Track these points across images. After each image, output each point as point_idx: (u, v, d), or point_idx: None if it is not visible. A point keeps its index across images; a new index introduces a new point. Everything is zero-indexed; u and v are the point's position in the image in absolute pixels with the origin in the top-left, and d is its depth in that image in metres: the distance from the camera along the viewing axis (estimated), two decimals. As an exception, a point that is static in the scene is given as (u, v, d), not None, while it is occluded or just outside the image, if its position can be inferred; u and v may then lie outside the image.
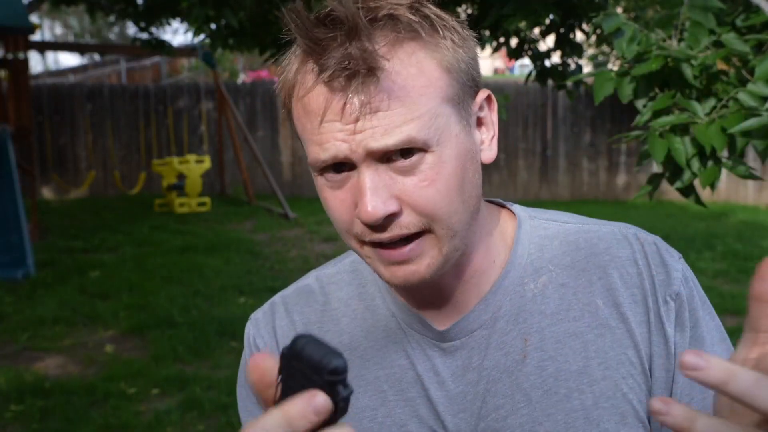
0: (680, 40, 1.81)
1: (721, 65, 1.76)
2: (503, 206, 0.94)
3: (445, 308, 0.87)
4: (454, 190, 0.77)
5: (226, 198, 11.91)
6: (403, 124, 0.74)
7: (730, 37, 1.71)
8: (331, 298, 0.93)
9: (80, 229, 9.12)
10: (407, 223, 0.76)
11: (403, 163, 0.75)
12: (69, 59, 45.72)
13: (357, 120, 0.74)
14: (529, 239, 0.89)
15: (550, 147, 12.61)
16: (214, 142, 12.46)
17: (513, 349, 0.85)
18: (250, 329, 0.96)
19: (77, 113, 12.14)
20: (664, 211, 10.83)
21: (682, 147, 1.69)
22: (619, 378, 0.83)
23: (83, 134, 12.13)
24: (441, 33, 0.78)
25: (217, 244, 8.33)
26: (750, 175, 1.72)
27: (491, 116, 0.85)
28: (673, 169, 1.78)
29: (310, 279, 0.97)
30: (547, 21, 4.18)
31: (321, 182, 0.80)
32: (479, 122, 0.84)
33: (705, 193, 1.81)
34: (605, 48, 12.61)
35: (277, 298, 0.97)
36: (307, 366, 0.50)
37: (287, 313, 0.94)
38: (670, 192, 11.16)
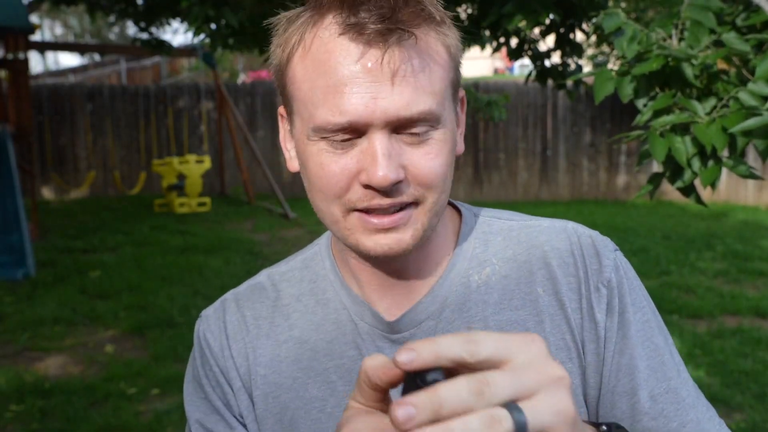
0: (680, 39, 1.80)
1: (721, 65, 1.76)
2: (450, 203, 0.96)
3: (396, 296, 0.89)
4: (448, 168, 0.82)
5: (226, 198, 11.91)
6: (426, 96, 0.76)
7: (730, 37, 1.71)
8: (283, 295, 0.95)
9: (80, 229, 9.12)
10: (408, 192, 0.79)
11: (413, 136, 0.78)
12: (69, 59, 45.75)
13: (388, 81, 0.74)
14: (474, 235, 0.92)
15: (550, 147, 12.60)
16: (214, 142, 12.46)
17: None
18: (200, 325, 0.97)
19: (77, 113, 12.14)
20: (664, 211, 10.83)
21: (683, 146, 1.69)
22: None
23: (83, 134, 12.13)
24: (448, 23, 0.82)
25: (217, 244, 8.33)
26: (751, 175, 1.72)
27: (462, 115, 0.89)
28: (673, 168, 1.78)
29: (262, 277, 0.98)
30: (547, 21, 4.18)
31: (318, 147, 0.79)
32: (456, 119, 0.87)
33: (705, 193, 1.81)
34: (605, 48, 12.60)
35: (228, 295, 0.98)
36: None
37: (238, 309, 0.95)
38: (670, 192, 11.17)
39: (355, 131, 0.76)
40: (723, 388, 4.30)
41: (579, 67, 4.56)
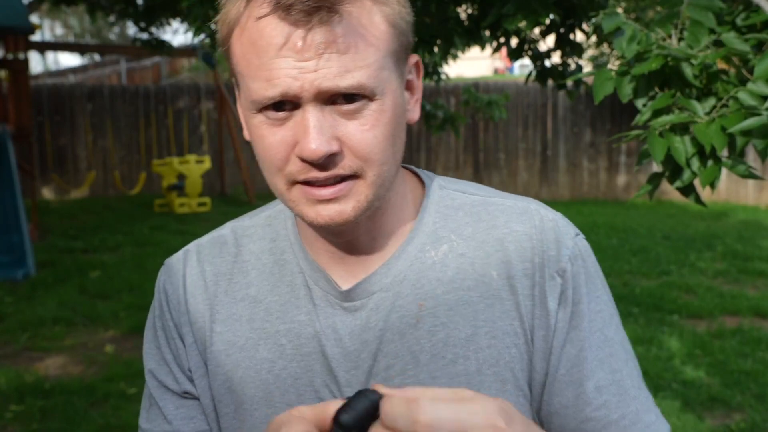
0: (680, 39, 1.80)
1: (721, 64, 1.76)
2: (416, 173, 0.96)
3: (351, 267, 0.89)
4: (389, 139, 0.81)
5: (226, 198, 11.91)
6: (356, 70, 0.76)
7: (730, 37, 1.71)
8: (243, 251, 0.95)
9: (80, 229, 9.12)
10: (344, 164, 0.79)
11: (347, 107, 0.78)
12: (69, 59, 45.75)
13: (314, 58, 0.75)
14: (435, 208, 0.91)
15: (550, 147, 12.60)
16: (214, 142, 12.46)
17: (408, 313, 0.87)
18: (162, 274, 0.97)
19: (77, 113, 12.13)
20: (664, 211, 10.83)
21: (682, 146, 1.69)
22: (503, 347, 0.86)
23: (83, 134, 12.13)
24: None
25: (217, 244, 8.32)
26: (750, 175, 1.72)
27: (417, 81, 0.89)
28: (673, 168, 1.78)
29: (226, 230, 0.99)
30: (547, 21, 4.18)
31: (258, 120, 0.80)
32: (408, 84, 0.87)
33: (705, 193, 1.81)
34: (605, 48, 12.60)
35: (192, 246, 0.99)
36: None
37: (199, 263, 0.96)
38: (670, 192, 11.17)
39: (289, 104, 0.78)
40: (723, 388, 4.30)
41: (579, 67, 4.56)
